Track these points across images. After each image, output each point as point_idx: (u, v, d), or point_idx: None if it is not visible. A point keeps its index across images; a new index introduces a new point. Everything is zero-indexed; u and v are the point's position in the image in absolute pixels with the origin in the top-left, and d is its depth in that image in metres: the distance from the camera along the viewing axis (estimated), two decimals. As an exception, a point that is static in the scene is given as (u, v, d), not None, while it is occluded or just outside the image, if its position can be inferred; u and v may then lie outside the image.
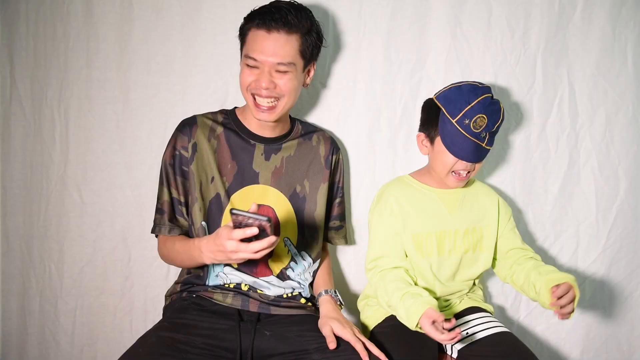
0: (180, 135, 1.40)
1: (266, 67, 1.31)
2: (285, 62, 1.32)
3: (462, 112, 1.38)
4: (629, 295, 1.80)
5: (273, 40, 1.30)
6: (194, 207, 1.38)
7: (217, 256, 1.20)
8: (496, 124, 1.39)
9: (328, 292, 1.44)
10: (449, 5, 1.62)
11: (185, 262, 1.36)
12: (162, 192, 1.40)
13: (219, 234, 1.16)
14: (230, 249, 1.14)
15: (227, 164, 1.40)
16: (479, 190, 1.57)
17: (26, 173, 1.62)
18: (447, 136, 1.41)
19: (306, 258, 1.46)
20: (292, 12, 1.30)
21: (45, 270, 1.63)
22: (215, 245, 1.18)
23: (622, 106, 1.71)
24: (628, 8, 1.66)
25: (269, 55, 1.30)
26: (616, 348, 1.82)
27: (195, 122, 1.41)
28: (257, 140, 1.43)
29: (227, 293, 1.37)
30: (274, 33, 1.29)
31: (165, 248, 1.41)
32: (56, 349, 1.65)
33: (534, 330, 1.79)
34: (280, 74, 1.33)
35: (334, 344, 1.25)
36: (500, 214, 1.54)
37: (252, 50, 1.31)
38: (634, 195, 1.75)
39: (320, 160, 1.49)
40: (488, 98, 1.39)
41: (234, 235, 1.12)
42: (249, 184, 1.41)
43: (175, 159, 1.38)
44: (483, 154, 1.42)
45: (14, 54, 1.58)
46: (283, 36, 1.30)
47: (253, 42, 1.31)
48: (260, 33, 1.30)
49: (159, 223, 1.40)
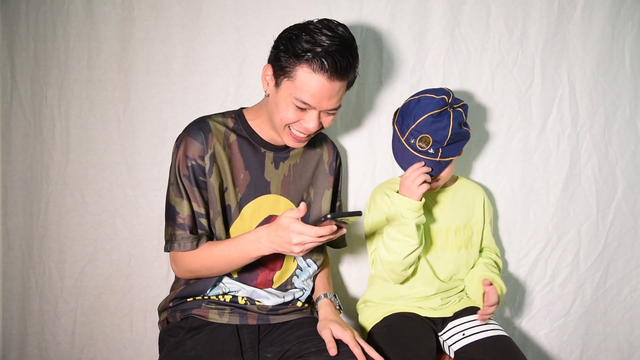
0: (194, 142, 1.28)
1: (317, 112, 1.24)
2: (337, 107, 1.27)
3: (408, 130, 1.39)
4: (628, 295, 1.80)
5: (332, 88, 1.21)
6: (216, 221, 1.32)
7: (279, 247, 1.18)
8: (446, 139, 1.37)
9: (327, 296, 1.44)
10: (448, 6, 1.62)
11: (228, 265, 1.28)
12: (182, 206, 1.29)
13: (289, 227, 1.13)
14: (297, 241, 1.13)
15: (240, 174, 1.34)
16: (467, 187, 1.59)
17: (27, 173, 1.62)
18: (398, 153, 1.43)
19: (311, 265, 1.44)
20: (349, 58, 1.20)
21: (45, 270, 1.63)
22: (280, 237, 1.16)
23: (620, 106, 1.71)
24: (626, 8, 1.66)
25: (328, 103, 1.23)
26: (616, 347, 1.82)
27: (209, 128, 1.31)
28: (267, 148, 1.37)
29: (223, 310, 1.33)
30: (334, 81, 1.20)
31: (193, 261, 1.30)
32: (56, 348, 1.65)
33: (537, 335, 1.80)
34: (326, 114, 1.28)
35: (335, 350, 1.22)
36: (485, 212, 1.58)
37: (307, 96, 1.21)
38: (632, 195, 1.75)
39: (324, 167, 1.47)
40: (430, 118, 1.36)
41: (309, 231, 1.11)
42: (262, 194, 1.36)
43: (191, 170, 1.28)
44: (442, 165, 1.41)
45: (15, 54, 1.58)
46: (340, 83, 1.22)
47: (308, 85, 1.20)
48: (319, 79, 1.19)
49: (181, 239, 1.29)
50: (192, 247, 1.29)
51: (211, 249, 1.28)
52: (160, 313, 1.43)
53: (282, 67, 1.22)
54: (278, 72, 1.23)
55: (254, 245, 1.22)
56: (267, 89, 1.28)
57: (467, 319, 1.48)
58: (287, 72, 1.21)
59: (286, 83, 1.22)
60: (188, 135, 1.29)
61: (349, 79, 1.25)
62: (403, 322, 1.45)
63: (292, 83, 1.21)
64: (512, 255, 1.75)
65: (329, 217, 1.09)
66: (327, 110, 1.25)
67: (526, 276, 1.76)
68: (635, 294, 1.80)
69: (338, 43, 1.19)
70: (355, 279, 1.73)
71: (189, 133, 1.30)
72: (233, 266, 1.29)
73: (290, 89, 1.22)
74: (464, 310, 1.51)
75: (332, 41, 1.18)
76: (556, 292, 1.77)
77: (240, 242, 1.24)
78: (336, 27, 1.21)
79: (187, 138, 1.29)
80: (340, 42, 1.19)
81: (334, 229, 1.13)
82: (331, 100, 1.23)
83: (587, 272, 1.77)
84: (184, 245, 1.29)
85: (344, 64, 1.19)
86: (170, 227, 1.31)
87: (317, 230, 1.12)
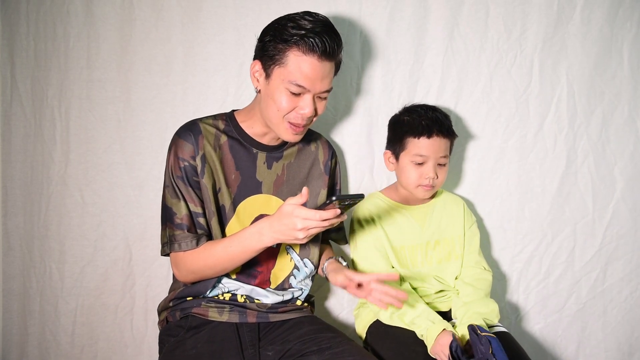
0: (185, 143, 1.30)
1: (311, 95, 1.26)
2: (329, 89, 1.29)
3: None
4: (629, 295, 1.81)
5: (323, 68, 1.24)
6: (212, 221, 1.33)
7: (282, 236, 1.18)
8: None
9: (332, 258, 1.45)
10: (447, 6, 1.63)
11: (231, 261, 1.28)
12: (179, 207, 1.30)
13: (292, 213, 1.13)
14: (301, 226, 1.13)
15: (231, 174, 1.35)
16: (446, 199, 1.61)
17: (27, 173, 1.62)
18: None
19: (308, 265, 1.45)
20: (335, 38, 1.25)
21: (46, 270, 1.63)
22: (284, 225, 1.15)
23: (618, 106, 1.72)
24: (625, 9, 1.67)
25: (321, 84, 1.25)
26: (616, 348, 1.82)
27: (199, 130, 1.32)
28: (259, 149, 1.38)
29: (222, 308, 1.33)
30: (324, 62, 1.23)
31: (195, 261, 1.29)
32: (57, 348, 1.65)
33: (532, 329, 1.81)
34: (320, 99, 1.29)
35: (357, 278, 1.29)
36: (465, 219, 1.59)
37: (301, 78, 1.23)
38: (631, 195, 1.76)
39: (319, 166, 1.48)
40: None
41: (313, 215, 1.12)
42: (253, 193, 1.37)
43: (184, 170, 1.30)
44: None
45: (15, 54, 1.58)
46: (329, 64, 1.25)
47: (300, 68, 1.22)
48: (310, 60, 1.22)
49: (180, 238, 1.29)
50: (192, 246, 1.29)
51: (212, 247, 1.28)
52: (159, 313, 1.43)
53: (272, 57, 1.25)
54: (267, 62, 1.26)
55: (256, 238, 1.21)
56: (258, 85, 1.30)
57: None
58: (277, 60, 1.24)
59: (278, 70, 1.25)
60: (179, 137, 1.32)
61: (337, 59, 1.29)
62: None
63: (284, 69, 1.24)
64: (507, 251, 1.77)
65: (334, 199, 1.09)
66: (320, 92, 1.27)
67: (521, 272, 1.78)
68: (635, 295, 1.81)
69: (322, 25, 1.24)
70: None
71: (179, 135, 1.32)
72: (236, 262, 1.29)
73: (283, 74, 1.24)
74: None
75: (315, 24, 1.23)
76: (551, 289, 1.79)
77: (242, 237, 1.24)
78: (316, 14, 1.26)
79: (178, 140, 1.31)
80: (324, 24, 1.24)
81: (337, 212, 1.13)
82: (323, 81, 1.26)
83: (583, 270, 1.78)
84: (184, 244, 1.29)
85: (332, 43, 1.23)
86: (169, 228, 1.31)
87: (322, 213, 1.12)
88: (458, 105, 1.70)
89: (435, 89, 1.68)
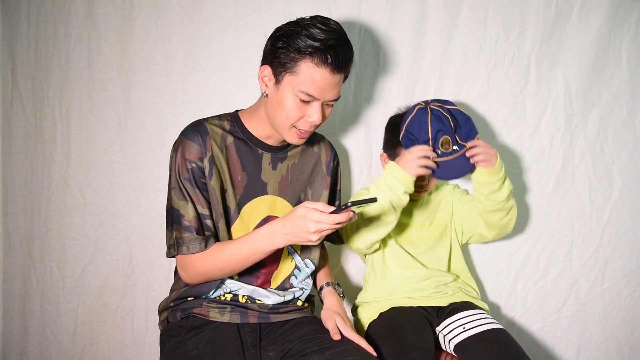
0: (192, 144, 1.28)
1: (320, 103, 1.26)
2: (338, 97, 1.30)
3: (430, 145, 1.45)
4: (628, 296, 1.80)
5: (334, 79, 1.25)
6: (219, 223, 1.32)
7: (294, 238, 1.18)
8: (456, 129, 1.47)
9: (330, 285, 1.46)
10: (446, 8, 1.64)
11: (241, 263, 1.27)
12: (187, 209, 1.27)
13: (306, 216, 1.14)
14: (315, 229, 1.13)
15: (237, 175, 1.34)
16: (439, 188, 1.66)
17: (27, 173, 1.62)
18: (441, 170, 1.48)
19: (309, 265, 1.45)
20: (348, 51, 1.25)
21: (46, 270, 1.63)
22: (298, 227, 1.16)
23: (616, 107, 1.73)
24: (624, 9, 1.67)
25: (330, 94, 1.26)
26: (616, 349, 1.82)
27: (206, 130, 1.30)
28: (264, 149, 1.37)
29: (224, 309, 1.33)
30: (336, 74, 1.24)
31: (204, 263, 1.28)
32: (57, 348, 1.65)
33: (530, 329, 1.81)
34: (327, 106, 1.30)
35: (339, 336, 1.28)
36: (455, 194, 1.64)
37: (312, 88, 1.23)
38: (630, 195, 1.76)
39: (322, 167, 1.47)
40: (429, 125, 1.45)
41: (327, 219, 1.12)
42: (259, 195, 1.36)
43: (191, 172, 1.27)
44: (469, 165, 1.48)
45: (16, 54, 1.59)
46: (340, 75, 1.26)
47: (312, 78, 1.22)
48: (322, 72, 1.22)
49: (188, 241, 1.27)
50: (200, 248, 1.27)
51: (222, 249, 1.27)
52: (160, 313, 1.42)
53: (283, 64, 1.23)
54: (278, 69, 1.24)
55: (268, 240, 1.21)
56: (266, 90, 1.29)
57: (465, 313, 1.48)
58: (289, 68, 1.23)
59: (289, 77, 1.24)
60: (186, 138, 1.29)
61: (348, 70, 1.29)
62: (399, 316, 1.47)
63: (295, 77, 1.23)
64: (504, 249, 1.77)
65: (349, 204, 1.10)
66: (329, 100, 1.28)
67: (518, 271, 1.78)
68: (635, 295, 1.80)
69: (335, 37, 1.22)
70: (356, 274, 1.75)
71: (186, 136, 1.29)
72: (245, 264, 1.28)
73: (294, 82, 1.23)
74: (462, 304, 1.52)
75: (329, 35, 1.21)
76: (549, 288, 1.78)
77: (254, 238, 1.23)
78: (329, 22, 1.25)
79: (185, 141, 1.28)
80: (338, 37, 1.23)
81: (350, 215, 1.14)
82: (333, 90, 1.26)
83: (581, 270, 1.78)
84: (192, 247, 1.27)
85: (344, 57, 1.23)
86: (176, 230, 1.28)
87: (335, 217, 1.12)
88: (456, 106, 1.71)
89: (433, 89, 1.69)
